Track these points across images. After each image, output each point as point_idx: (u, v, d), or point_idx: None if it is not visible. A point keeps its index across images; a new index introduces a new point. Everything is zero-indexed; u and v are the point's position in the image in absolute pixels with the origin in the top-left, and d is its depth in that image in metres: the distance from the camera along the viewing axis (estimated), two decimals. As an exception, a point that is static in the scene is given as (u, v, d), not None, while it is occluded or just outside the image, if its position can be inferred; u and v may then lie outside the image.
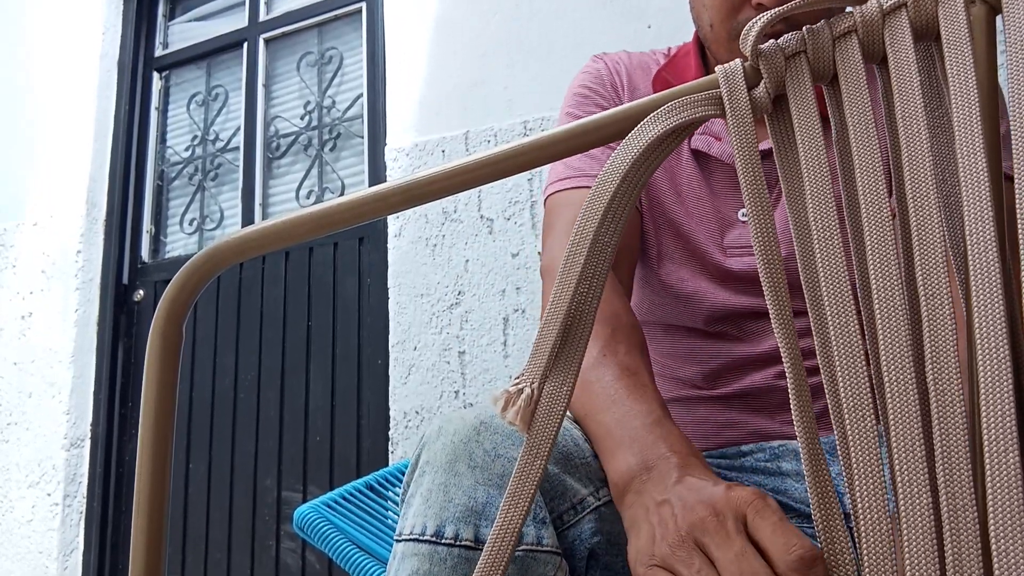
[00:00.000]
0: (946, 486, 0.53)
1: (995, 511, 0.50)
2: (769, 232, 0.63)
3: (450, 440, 0.90)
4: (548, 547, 0.87)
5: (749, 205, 0.64)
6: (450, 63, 3.32)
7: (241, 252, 0.70)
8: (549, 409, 0.63)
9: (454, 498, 0.87)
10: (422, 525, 0.87)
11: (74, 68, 4.23)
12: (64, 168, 4.11)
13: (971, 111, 0.58)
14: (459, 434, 0.90)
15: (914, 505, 0.53)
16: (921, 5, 0.62)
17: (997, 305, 0.53)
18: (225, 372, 3.64)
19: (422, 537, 0.86)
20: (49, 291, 3.98)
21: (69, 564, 3.65)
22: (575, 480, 0.94)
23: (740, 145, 0.64)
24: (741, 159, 0.64)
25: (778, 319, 0.62)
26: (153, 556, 0.69)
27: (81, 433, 3.76)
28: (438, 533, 0.85)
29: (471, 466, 0.88)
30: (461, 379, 2.99)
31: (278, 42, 4.01)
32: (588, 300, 0.67)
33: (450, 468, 0.88)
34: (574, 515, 0.93)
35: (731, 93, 0.66)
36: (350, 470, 3.25)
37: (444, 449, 0.90)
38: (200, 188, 4.06)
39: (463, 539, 0.85)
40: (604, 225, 0.66)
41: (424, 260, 3.17)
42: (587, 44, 3.07)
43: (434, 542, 0.85)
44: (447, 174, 0.67)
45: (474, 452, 0.89)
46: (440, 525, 0.86)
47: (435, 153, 3.25)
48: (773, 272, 0.62)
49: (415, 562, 0.85)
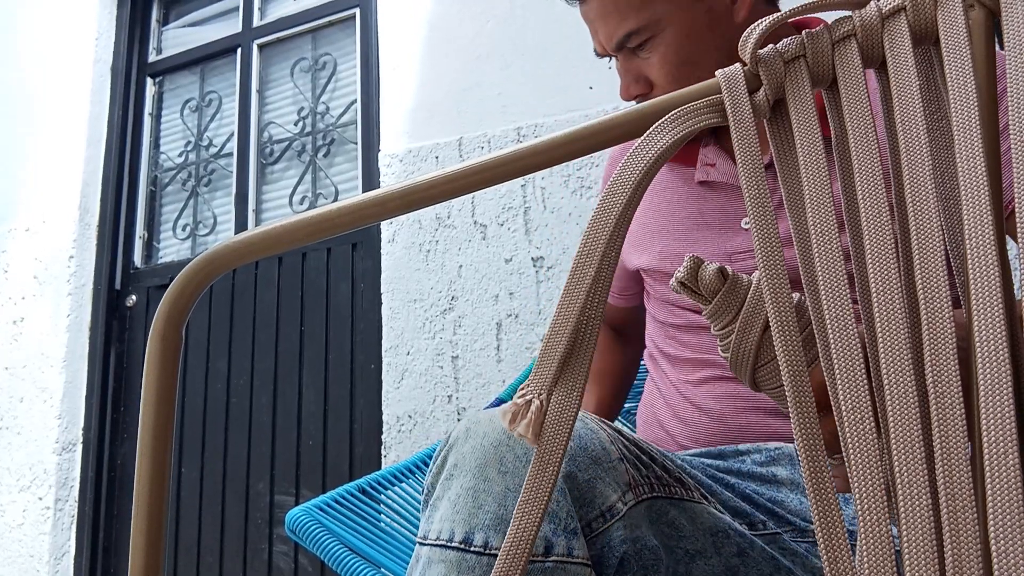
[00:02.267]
0: (946, 487, 0.53)
1: (995, 512, 0.50)
2: (771, 235, 0.63)
3: (480, 443, 0.89)
4: (579, 558, 0.86)
5: (750, 207, 0.64)
6: (444, 69, 3.33)
7: (241, 256, 0.70)
8: (558, 418, 0.63)
9: (484, 504, 0.85)
10: (450, 531, 0.85)
11: (68, 73, 4.22)
12: (57, 173, 4.10)
13: (970, 115, 0.58)
14: (488, 437, 0.89)
15: (914, 506, 0.54)
16: (920, 9, 0.62)
17: (996, 307, 0.54)
18: (218, 376, 3.63)
19: (450, 543, 0.85)
20: (41, 296, 3.97)
21: (60, 568, 3.64)
22: (604, 485, 0.92)
23: (741, 147, 0.64)
24: (742, 158, 0.64)
25: (778, 324, 0.62)
26: (152, 560, 0.68)
27: (73, 437, 3.76)
28: (467, 540, 0.84)
29: (502, 472, 0.87)
30: (454, 384, 2.99)
31: (272, 48, 4.01)
32: (594, 310, 0.67)
33: (480, 473, 0.87)
34: (603, 522, 0.91)
35: (731, 95, 0.66)
36: (343, 474, 3.24)
37: (474, 452, 0.88)
38: (193, 194, 4.05)
39: (492, 547, 0.83)
40: (612, 239, 0.66)
41: (417, 265, 3.17)
42: (582, 49, 3.07)
43: (463, 549, 0.84)
44: (446, 178, 0.67)
45: (505, 457, 0.87)
46: (469, 532, 0.84)
47: (428, 159, 3.25)
48: (775, 274, 0.63)
49: (442, 568, 0.84)
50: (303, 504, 1.62)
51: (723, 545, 1.00)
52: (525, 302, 2.94)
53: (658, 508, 0.97)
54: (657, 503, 0.97)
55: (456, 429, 0.93)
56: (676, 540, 0.97)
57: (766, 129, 0.67)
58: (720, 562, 0.99)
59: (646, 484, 0.97)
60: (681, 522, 0.99)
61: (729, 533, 1.02)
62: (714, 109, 0.66)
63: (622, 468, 0.95)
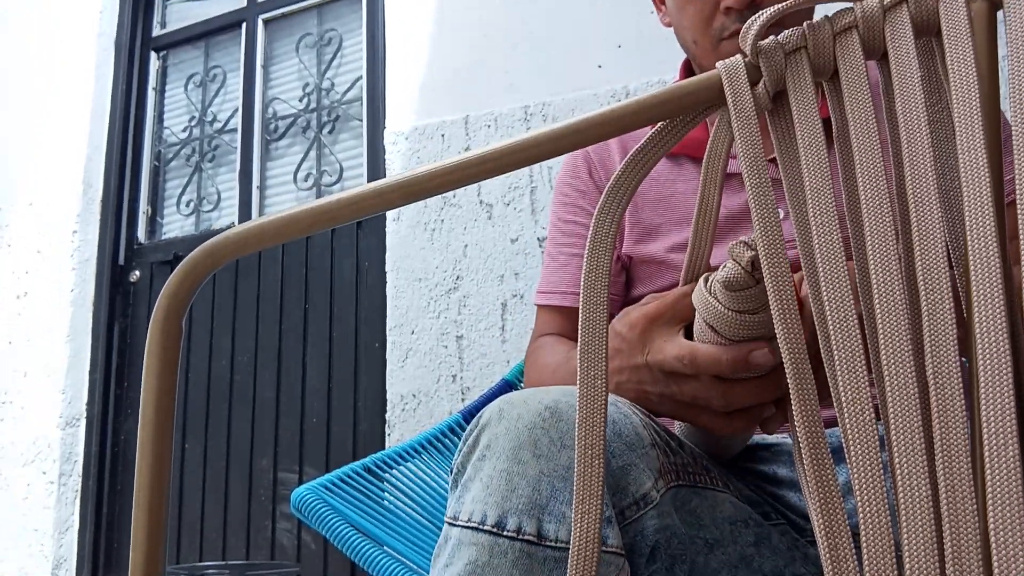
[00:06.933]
0: (946, 480, 0.53)
1: (995, 505, 0.50)
2: (773, 224, 0.63)
3: (514, 424, 0.86)
4: (613, 547, 0.84)
5: (752, 197, 0.64)
6: (451, 46, 3.32)
7: (241, 247, 0.70)
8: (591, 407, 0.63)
9: (517, 488, 0.84)
10: (482, 513, 0.84)
11: (71, 47, 4.21)
12: (60, 148, 4.10)
13: (972, 106, 0.58)
14: (523, 419, 0.87)
15: (914, 499, 0.54)
16: (922, 0, 0.62)
17: (997, 299, 0.54)
18: (222, 354, 3.64)
19: (482, 526, 0.83)
20: (45, 271, 3.98)
21: (65, 542, 3.66)
22: (638, 472, 0.90)
23: (743, 138, 0.64)
24: (744, 149, 0.64)
25: (781, 318, 0.62)
26: (154, 536, 0.69)
27: (76, 412, 3.77)
28: (499, 524, 0.82)
29: (536, 455, 0.85)
30: (459, 363, 3.00)
31: (277, 23, 4.00)
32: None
33: (514, 455, 0.85)
34: (637, 510, 0.89)
35: (733, 86, 0.66)
36: (346, 452, 3.25)
37: (508, 434, 0.86)
38: (197, 169, 4.05)
39: (526, 532, 0.82)
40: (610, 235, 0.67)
41: (423, 244, 3.17)
42: (590, 27, 3.07)
43: (495, 533, 0.82)
44: (447, 169, 0.67)
45: (539, 440, 0.85)
46: (502, 515, 0.83)
47: (434, 137, 3.24)
48: (776, 260, 0.63)
49: (473, 551, 0.82)
50: (308, 483, 1.63)
51: (740, 534, 1.00)
52: (530, 282, 2.94)
53: (682, 496, 0.97)
54: (682, 491, 0.97)
55: (489, 409, 0.91)
56: (696, 529, 0.97)
57: (767, 120, 0.67)
58: (736, 551, 0.99)
59: (673, 471, 0.96)
60: (702, 511, 0.98)
61: (748, 523, 1.01)
62: (712, 97, 0.66)
63: (654, 454, 0.93)
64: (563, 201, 1.54)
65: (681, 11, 1.37)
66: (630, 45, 2.96)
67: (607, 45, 3.00)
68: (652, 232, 1.42)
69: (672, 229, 1.40)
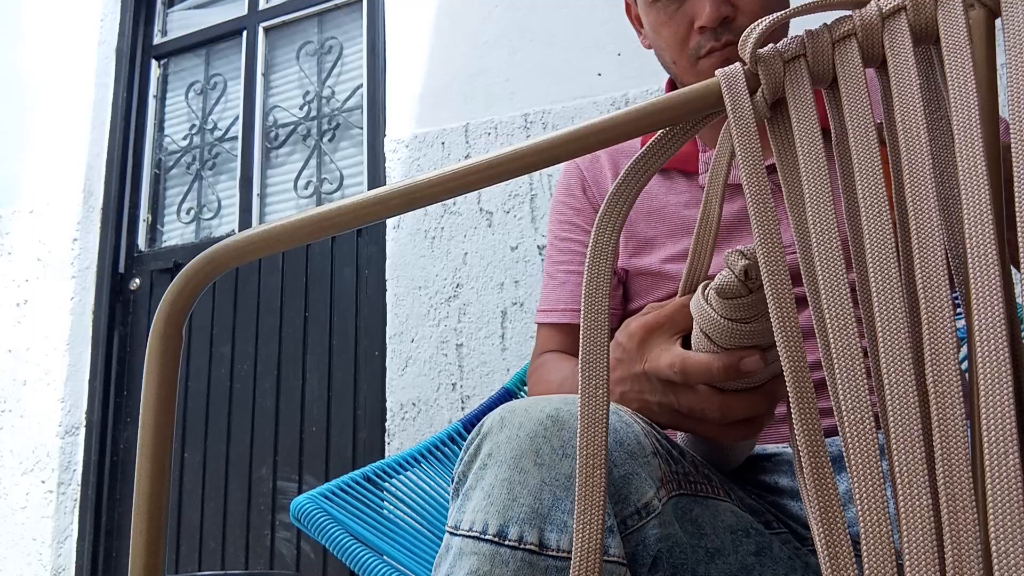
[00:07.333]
0: (946, 487, 0.53)
1: (995, 514, 0.50)
2: (772, 233, 0.63)
3: (515, 433, 0.86)
4: (615, 557, 0.84)
5: (751, 205, 0.64)
6: (451, 54, 3.32)
7: (241, 255, 0.69)
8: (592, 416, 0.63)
9: (519, 497, 0.83)
10: (483, 522, 0.83)
11: (72, 55, 4.22)
12: (61, 156, 4.11)
13: (970, 114, 0.58)
14: (524, 428, 0.86)
15: (914, 506, 0.54)
16: (920, 8, 0.62)
17: (997, 307, 0.54)
18: (221, 362, 3.64)
19: (483, 536, 0.83)
20: (45, 279, 3.98)
21: (63, 551, 3.65)
22: (640, 480, 0.90)
23: (742, 147, 0.64)
24: (744, 158, 0.64)
25: (780, 325, 0.62)
26: (154, 545, 0.69)
27: (76, 421, 3.76)
28: (501, 533, 0.82)
29: (538, 464, 0.84)
30: (459, 371, 3.00)
31: (277, 31, 4.00)
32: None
33: (515, 464, 0.85)
34: (638, 519, 0.89)
35: (731, 93, 0.66)
36: (346, 461, 3.25)
37: (509, 442, 0.86)
38: (198, 177, 4.05)
39: (527, 542, 0.82)
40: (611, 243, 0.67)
41: (423, 252, 3.17)
42: (589, 34, 3.07)
43: (496, 542, 0.82)
44: (447, 177, 0.67)
45: (541, 449, 0.85)
46: (503, 525, 0.82)
47: (435, 145, 3.24)
48: (775, 269, 0.63)
49: (474, 561, 0.82)
50: (308, 492, 1.62)
51: (741, 543, 1.00)
52: (531, 290, 2.94)
53: (683, 505, 0.96)
54: (683, 500, 0.96)
55: (490, 417, 0.91)
56: (697, 538, 0.96)
57: (767, 128, 0.67)
58: (737, 560, 0.99)
59: (675, 480, 0.96)
60: (703, 520, 0.98)
61: (749, 532, 1.01)
62: (712, 104, 0.66)
63: (656, 463, 0.93)
64: (559, 220, 1.55)
65: (657, 33, 1.40)
66: (630, 53, 2.97)
67: (607, 53, 3.00)
68: (647, 245, 1.43)
69: (666, 241, 1.41)
